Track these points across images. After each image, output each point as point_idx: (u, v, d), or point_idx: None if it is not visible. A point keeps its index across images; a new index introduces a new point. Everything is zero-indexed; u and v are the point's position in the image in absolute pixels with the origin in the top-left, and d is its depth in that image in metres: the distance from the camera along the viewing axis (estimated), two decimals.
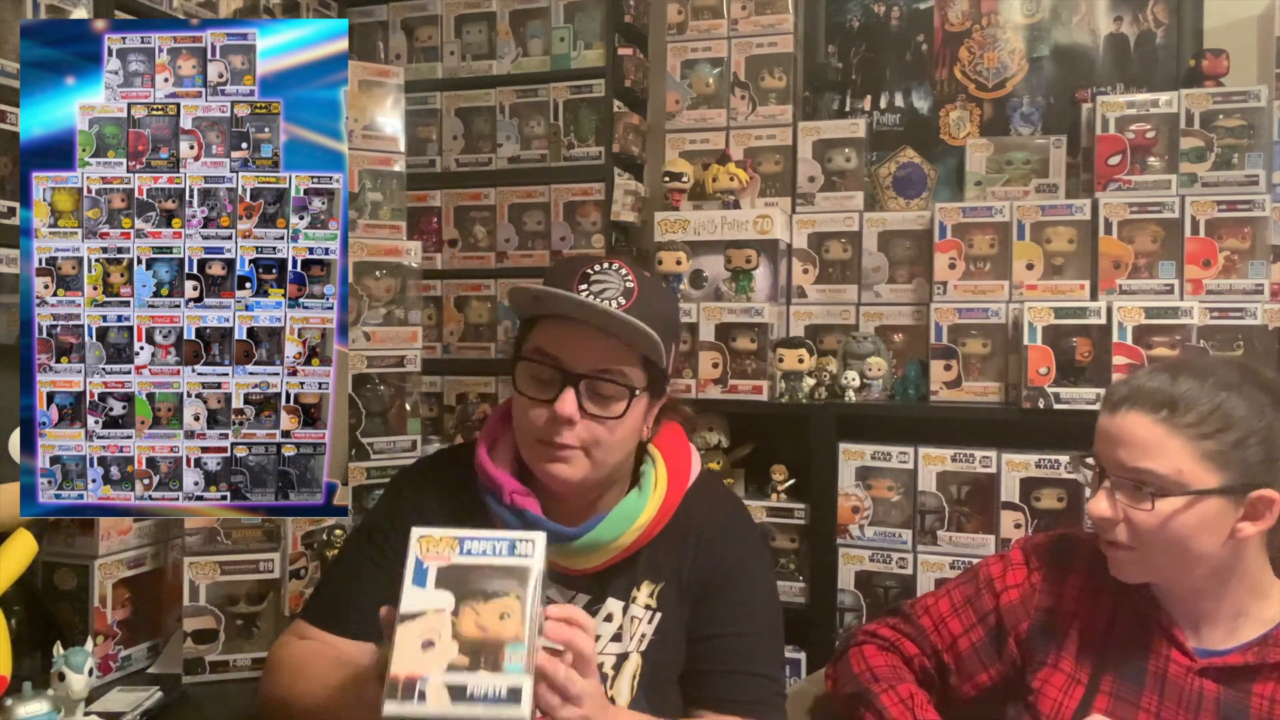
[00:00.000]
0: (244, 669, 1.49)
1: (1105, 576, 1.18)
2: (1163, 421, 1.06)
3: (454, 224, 2.59)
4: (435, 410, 2.54)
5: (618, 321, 1.07)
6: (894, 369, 2.19)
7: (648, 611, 1.19)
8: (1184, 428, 1.05)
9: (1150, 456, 1.06)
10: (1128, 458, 1.08)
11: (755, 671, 1.18)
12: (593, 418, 1.10)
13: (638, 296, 1.10)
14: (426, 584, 0.84)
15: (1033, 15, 2.44)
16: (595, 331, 1.09)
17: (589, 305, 1.07)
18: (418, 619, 0.84)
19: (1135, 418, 1.08)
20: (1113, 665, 1.15)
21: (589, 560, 1.15)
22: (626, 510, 1.15)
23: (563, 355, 1.10)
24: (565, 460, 1.11)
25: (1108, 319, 1.90)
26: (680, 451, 1.23)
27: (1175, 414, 1.06)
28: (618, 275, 1.12)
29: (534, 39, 2.52)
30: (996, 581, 1.26)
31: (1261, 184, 1.97)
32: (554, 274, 1.14)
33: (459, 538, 0.86)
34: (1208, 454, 1.05)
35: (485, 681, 0.81)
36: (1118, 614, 1.18)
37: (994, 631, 1.23)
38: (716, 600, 1.20)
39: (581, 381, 1.10)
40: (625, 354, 1.11)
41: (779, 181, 2.39)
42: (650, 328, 1.07)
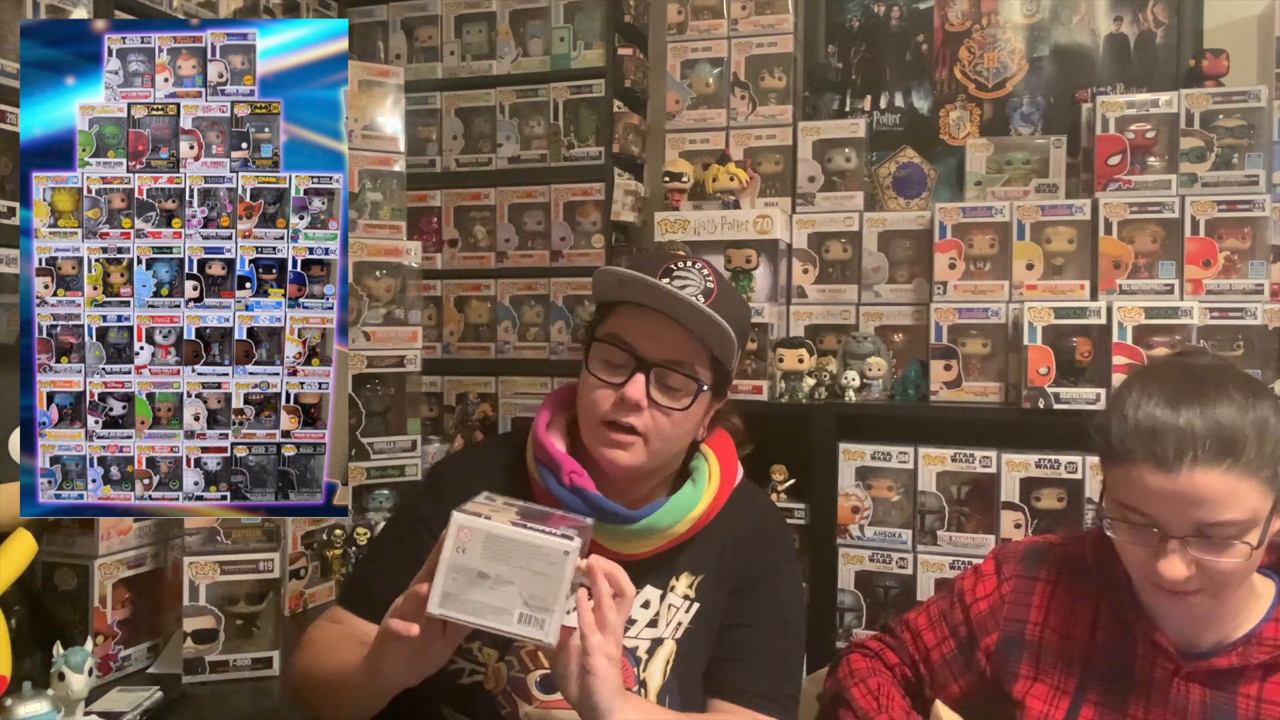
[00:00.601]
0: (244, 669, 1.49)
1: (1083, 583, 1.18)
2: (1230, 470, 0.98)
3: (454, 224, 2.59)
4: (435, 410, 2.54)
5: (699, 315, 1.10)
6: (894, 369, 2.19)
7: (686, 601, 1.21)
8: (1247, 466, 0.99)
9: (1226, 510, 0.98)
10: (1205, 515, 0.99)
11: (769, 666, 1.20)
12: (658, 407, 1.13)
13: (717, 295, 1.14)
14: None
15: (1033, 15, 2.44)
16: (672, 324, 1.12)
17: (675, 295, 1.10)
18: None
19: (1203, 475, 0.98)
20: (1097, 674, 1.14)
21: (638, 545, 1.17)
22: (685, 499, 1.18)
23: (638, 342, 1.13)
24: (625, 446, 1.14)
25: (1108, 319, 1.89)
26: (730, 454, 1.27)
27: (1237, 457, 0.98)
28: (699, 274, 1.15)
29: (534, 39, 2.52)
30: (967, 594, 1.26)
31: (1261, 184, 1.97)
32: (637, 264, 1.17)
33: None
34: (1266, 479, 1.00)
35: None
36: (1099, 621, 1.17)
37: (964, 643, 1.24)
38: (747, 594, 1.22)
39: (653, 369, 1.13)
40: (697, 349, 1.14)
41: (779, 181, 2.39)
42: (728, 325, 1.10)
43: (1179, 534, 1.00)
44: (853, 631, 2.06)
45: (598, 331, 1.18)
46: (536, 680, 1.16)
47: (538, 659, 1.16)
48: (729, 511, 1.23)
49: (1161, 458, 1.00)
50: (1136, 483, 1.02)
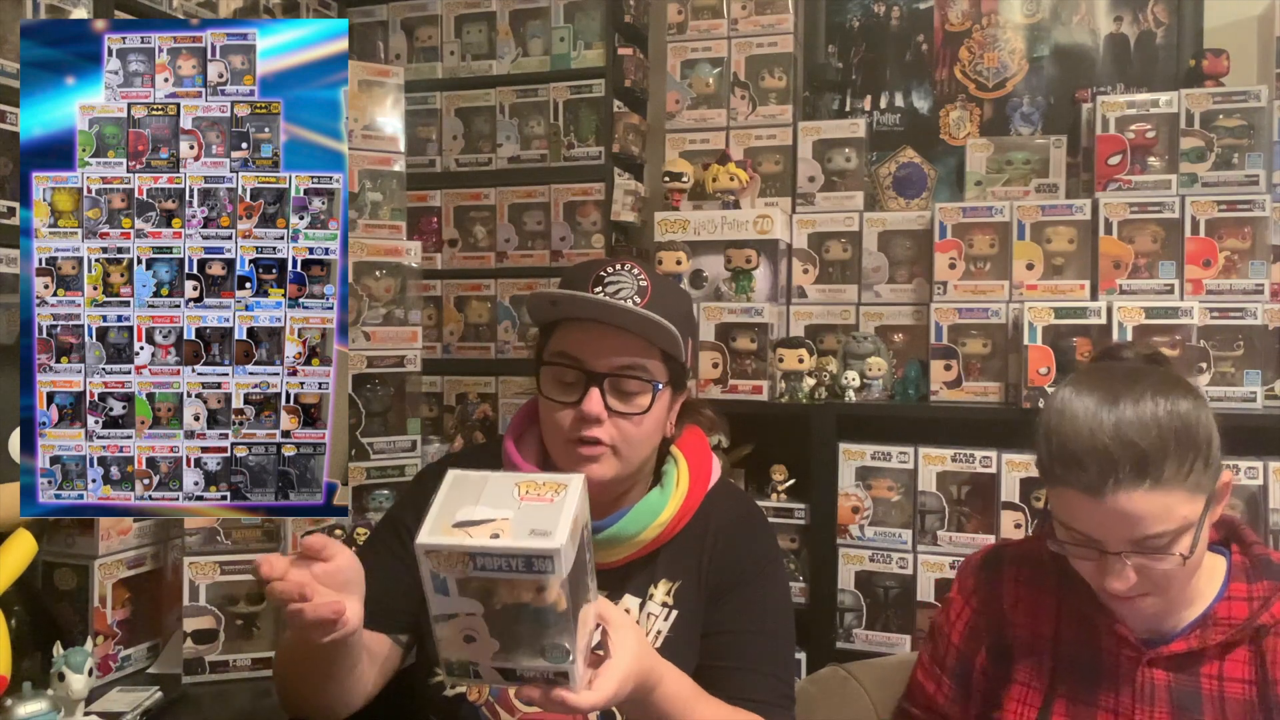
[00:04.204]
0: (244, 669, 1.49)
1: (1041, 580, 1.20)
2: (1154, 488, 1.00)
3: (454, 224, 2.59)
4: (435, 410, 2.54)
5: (636, 318, 1.10)
6: (894, 369, 2.19)
7: (664, 609, 1.20)
8: (1171, 480, 1.01)
9: (1160, 522, 1.01)
10: (1135, 532, 1.02)
11: (763, 670, 1.19)
12: (619, 414, 1.13)
13: (652, 294, 1.14)
14: (450, 592, 0.81)
15: (1033, 15, 2.44)
16: (614, 330, 1.12)
17: (607, 304, 1.10)
18: (452, 620, 0.83)
19: (1126, 497, 1.01)
20: (1065, 670, 1.15)
21: (609, 555, 1.17)
22: (650, 505, 1.18)
23: (585, 356, 1.13)
24: (595, 459, 1.14)
25: (1108, 319, 1.89)
26: (702, 454, 1.26)
27: (1159, 474, 1.00)
28: (630, 275, 1.15)
29: (534, 39, 2.52)
30: (945, 626, 1.28)
31: (1261, 184, 1.97)
32: (568, 279, 1.17)
33: (470, 553, 0.79)
34: (1196, 484, 1.03)
35: (533, 666, 0.83)
36: (1062, 617, 1.18)
37: (959, 676, 1.25)
38: (730, 598, 1.21)
39: (605, 380, 1.13)
40: (645, 350, 1.14)
41: (779, 181, 2.39)
42: (667, 322, 1.09)
43: (1116, 550, 1.03)
44: (853, 632, 2.06)
45: (544, 354, 1.18)
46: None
47: None
48: (706, 513, 1.22)
49: (1086, 484, 1.02)
50: (1069, 505, 1.06)
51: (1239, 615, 1.09)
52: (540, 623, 0.81)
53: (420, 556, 0.80)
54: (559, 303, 1.14)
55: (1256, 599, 1.09)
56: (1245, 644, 1.09)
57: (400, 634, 1.22)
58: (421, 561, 0.80)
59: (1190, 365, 1.87)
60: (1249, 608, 1.09)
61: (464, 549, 0.79)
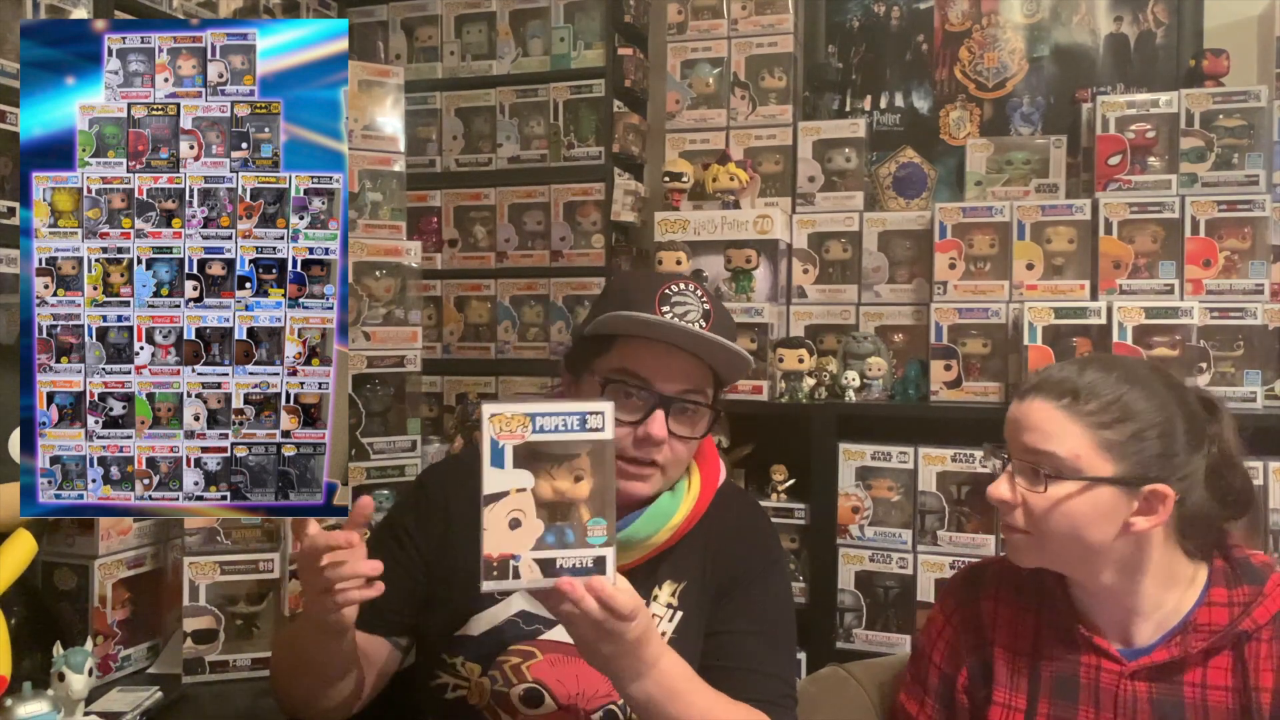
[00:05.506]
0: (244, 669, 1.49)
1: (1022, 596, 1.20)
2: (1064, 408, 1.09)
3: (454, 224, 2.59)
4: (435, 410, 2.54)
5: (718, 347, 1.10)
6: (894, 369, 2.19)
7: (669, 610, 1.20)
8: (1084, 415, 1.08)
9: (1049, 440, 1.09)
10: (1029, 441, 1.10)
11: (766, 670, 1.18)
12: (677, 438, 1.13)
13: (714, 317, 1.13)
14: (505, 464, 0.90)
15: (1033, 15, 2.44)
16: (681, 353, 1.12)
17: (693, 333, 1.10)
18: (502, 500, 0.89)
19: (1039, 404, 1.11)
20: (1046, 685, 1.15)
21: (619, 558, 1.16)
22: (662, 509, 1.17)
23: (653, 378, 1.13)
24: (644, 479, 1.14)
25: (1108, 319, 1.90)
26: (712, 457, 1.26)
27: (1077, 402, 1.08)
28: (695, 296, 1.14)
29: (534, 39, 2.52)
30: (926, 646, 1.28)
31: (1261, 184, 1.97)
32: (630, 294, 1.15)
33: (530, 414, 0.90)
34: (1105, 443, 1.07)
35: (572, 554, 0.90)
36: (1042, 632, 1.18)
37: (941, 696, 1.25)
38: (733, 598, 1.21)
39: (672, 404, 1.13)
40: (705, 374, 1.15)
41: (779, 181, 2.39)
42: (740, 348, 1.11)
43: (1013, 458, 1.13)
44: (853, 632, 2.06)
45: (600, 366, 1.15)
46: (520, 694, 1.16)
47: (521, 673, 1.16)
48: (712, 515, 1.22)
49: (1022, 391, 1.15)
50: (1006, 418, 1.17)
51: (1219, 621, 1.09)
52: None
53: (485, 422, 0.88)
54: (633, 322, 1.11)
55: (1237, 604, 1.09)
56: (1227, 651, 1.08)
57: (399, 637, 1.22)
58: (485, 429, 0.88)
59: (1190, 365, 1.87)
60: (1229, 613, 1.09)
61: (525, 410, 0.90)
